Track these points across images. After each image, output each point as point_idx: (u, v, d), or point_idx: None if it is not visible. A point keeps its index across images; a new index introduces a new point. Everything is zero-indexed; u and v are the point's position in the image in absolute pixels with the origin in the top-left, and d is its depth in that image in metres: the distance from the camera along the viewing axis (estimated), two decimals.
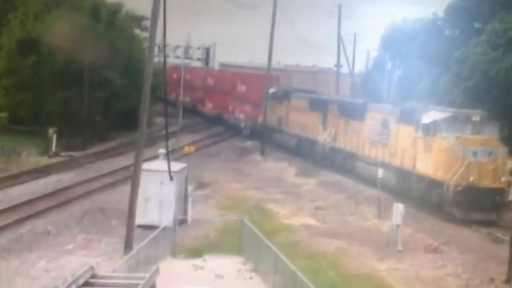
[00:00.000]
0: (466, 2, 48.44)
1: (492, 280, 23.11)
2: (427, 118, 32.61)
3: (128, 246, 23.45)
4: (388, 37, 57.07)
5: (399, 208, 27.54)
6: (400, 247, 26.56)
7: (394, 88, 48.73)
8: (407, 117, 34.60)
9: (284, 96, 53.88)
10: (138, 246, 21.30)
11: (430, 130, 32.29)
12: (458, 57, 44.42)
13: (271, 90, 56.05)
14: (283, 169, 45.39)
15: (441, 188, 31.33)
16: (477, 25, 47.70)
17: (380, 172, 33.10)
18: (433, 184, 31.99)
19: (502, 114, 36.45)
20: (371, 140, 38.69)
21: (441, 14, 51.42)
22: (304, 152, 48.58)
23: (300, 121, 49.90)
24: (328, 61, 71.34)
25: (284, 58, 74.51)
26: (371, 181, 36.23)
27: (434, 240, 27.73)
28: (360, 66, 68.63)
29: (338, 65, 64.11)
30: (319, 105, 47.29)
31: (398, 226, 27.26)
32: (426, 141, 32.54)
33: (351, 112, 42.19)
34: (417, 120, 33.33)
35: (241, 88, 63.44)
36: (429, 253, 26.25)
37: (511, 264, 21.70)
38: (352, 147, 41.39)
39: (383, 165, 35.48)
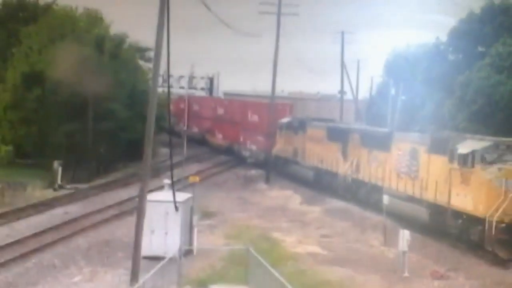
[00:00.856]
0: (469, 26, 48.63)
1: None
2: (464, 147, 29.89)
3: (134, 277, 23.45)
4: (391, 63, 57.25)
5: (405, 235, 27.56)
6: (406, 274, 26.58)
7: (398, 114, 48.92)
8: (440, 147, 31.97)
9: (299, 125, 51.71)
10: (144, 277, 21.36)
11: (468, 161, 29.53)
12: (461, 81, 44.48)
13: (285, 119, 54.68)
14: (288, 197, 45.42)
15: (481, 225, 28.41)
16: (480, 49, 47.81)
17: (386, 199, 33.04)
18: (472, 220, 29.24)
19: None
20: (398, 172, 36.07)
21: (444, 38, 51.64)
22: (324, 185, 46.08)
23: (318, 152, 47.50)
24: (331, 88, 71.48)
25: (287, 85, 74.78)
26: (398, 216, 34.26)
27: (440, 266, 27.78)
28: (364, 92, 68.85)
29: (342, 91, 64.36)
30: (338, 135, 44.97)
31: (404, 252, 27.29)
32: (463, 173, 29.78)
33: (374, 142, 39.72)
34: (451, 150, 30.65)
35: (253, 118, 61.88)
36: (436, 279, 26.23)
37: None
38: (377, 180, 38.76)
39: (413, 200, 33.78)
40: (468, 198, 29.45)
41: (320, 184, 46.60)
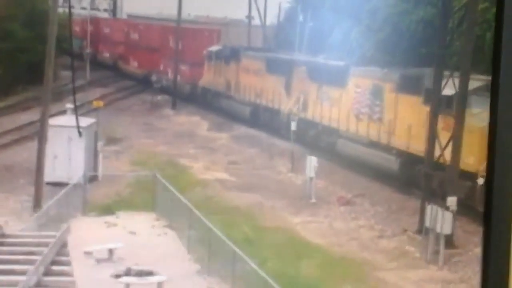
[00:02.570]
0: None
1: (404, 230, 23.86)
2: (447, 88, 24.21)
3: (37, 204, 23.16)
4: None
5: (312, 161, 27.99)
6: (313, 200, 27.10)
7: (306, 40, 49.11)
8: (411, 85, 27.71)
9: (232, 55, 47.06)
10: (47, 204, 21.07)
11: (453, 103, 24.44)
12: (369, 9, 44.84)
13: (214, 47, 50.44)
14: (196, 123, 45.26)
15: (471, 181, 23.52)
16: None
17: (293, 125, 33.32)
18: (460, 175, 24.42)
19: (411, 67, 37.20)
20: (357, 112, 32.08)
21: None
22: (263, 123, 41.91)
23: (255, 86, 43.15)
24: (238, 13, 70.86)
25: (193, 9, 73.47)
26: (359, 163, 31.08)
27: (347, 193, 28.39)
28: (272, 18, 68.59)
29: (249, 16, 63.93)
30: (280, 66, 40.64)
31: (311, 178, 27.80)
32: (447, 118, 24.54)
33: (326, 76, 35.21)
34: (428, 89, 25.54)
35: (176, 44, 56.52)
36: (342, 205, 26.82)
37: (422, 215, 22.40)
38: (330, 120, 34.50)
39: (377, 146, 30.06)
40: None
41: (258, 121, 42.48)
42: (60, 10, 32.14)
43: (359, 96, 32.07)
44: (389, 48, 42.49)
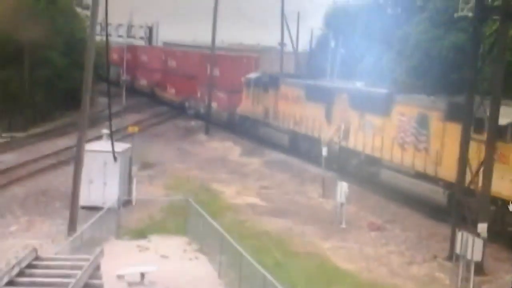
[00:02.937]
0: None
1: (434, 257, 23.59)
2: (503, 117, 22.84)
3: (72, 227, 23.24)
4: (331, 16, 57.21)
5: (343, 187, 27.83)
6: (344, 225, 26.94)
7: (338, 66, 49.07)
8: (460, 113, 24.59)
9: (271, 82, 45.90)
10: (82, 227, 21.13)
11: (507, 134, 23.92)
12: (400, 35, 44.70)
13: (253, 74, 49.21)
14: (228, 148, 45.35)
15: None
16: (419, 3, 47.93)
17: (324, 151, 33.21)
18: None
19: (443, 93, 36.99)
20: (401, 142, 30.70)
21: None
22: (302, 151, 40.57)
23: (295, 114, 41.93)
24: (271, 40, 70.99)
25: (226, 35, 73.79)
26: (405, 195, 30.02)
27: (377, 218, 28.22)
28: (304, 44, 68.72)
29: (282, 43, 64.07)
30: (320, 94, 39.22)
31: (342, 204, 27.61)
32: (500, 149, 23.62)
33: (369, 104, 33.96)
34: (479, 118, 23.86)
35: (213, 71, 55.19)
36: (372, 231, 26.64)
37: (453, 241, 22.12)
38: (373, 150, 33.14)
39: (424, 177, 28.66)
40: (505, 181, 23.86)
41: (298, 150, 40.98)
42: (98, 38, 32.37)
43: (404, 124, 30.57)
44: (420, 73, 42.32)
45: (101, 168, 28.07)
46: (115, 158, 27.80)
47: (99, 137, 31.07)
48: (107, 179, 28.08)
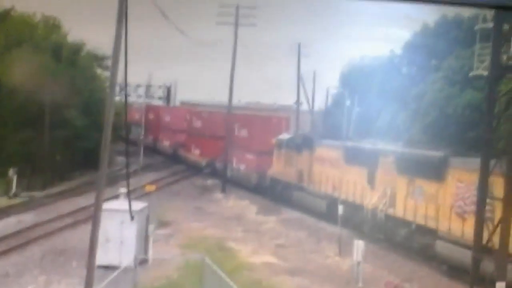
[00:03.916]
0: (423, 40, 49.16)
1: None
2: None
3: (88, 286, 23.06)
4: (347, 74, 57.63)
5: (359, 245, 27.59)
6: (360, 284, 26.64)
7: (353, 125, 49.16)
8: None
9: (304, 143, 43.93)
10: (98, 287, 20.98)
11: None
12: (416, 93, 44.86)
13: (285, 135, 47.83)
14: (245, 207, 45.24)
15: None
16: (434, 62, 48.26)
17: (340, 209, 33.01)
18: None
19: (460, 151, 36.93)
20: (459, 211, 27.54)
21: (398, 51, 52.14)
22: (342, 219, 34.84)
23: (333, 178, 39.25)
24: (287, 99, 71.48)
25: (243, 95, 74.38)
26: (464, 270, 25.99)
27: (395, 277, 27.89)
28: (319, 103, 69.08)
29: (298, 102, 64.45)
30: (361, 157, 36.56)
31: (358, 263, 27.34)
32: None
33: (419, 168, 30.99)
34: None
35: (241, 132, 54.29)
36: None
37: None
38: (426, 219, 29.96)
39: (486, 250, 24.08)
40: None
41: (336, 217, 35.06)
42: (117, 98, 32.67)
43: (462, 192, 27.20)
44: (436, 131, 42.29)
45: (118, 227, 27.97)
46: (132, 217, 27.66)
47: (116, 196, 31.15)
48: (124, 237, 27.96)
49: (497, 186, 24.06)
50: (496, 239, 23.12)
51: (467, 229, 26.25)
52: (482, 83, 33.89)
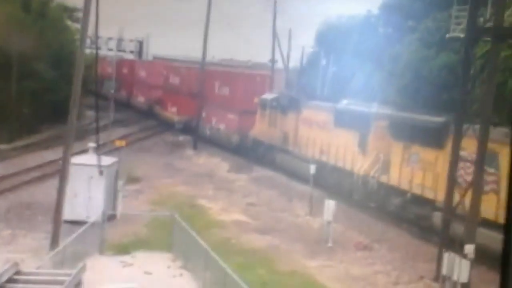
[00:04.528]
0: (399, 0, 49.00)
1: (421, 277, 23.48)
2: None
3: (54, 242, 22.99)
4: (322, 33, 57.27)
5: (330, 205, 27.68)
6: (330, 244, 26.79)
7: (328, 85, 49.10)
8: None
9: (290, 104, 42.24)
10: (64, 242, 20.93)
11: None
12: (391, 54, 44.83)
13: (269, 95, 45.96)
14: (216, 164, 45.34)
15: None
16: (410, 23, 48.17)
17: (313, 168, 33.02)
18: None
19: (433, 113, 37.10)
20: (461, 181, 24.50)
21: (375, 11, 51.94)
22: (330, 185, 35.70)
23: (320, 141, 37.85)
24: (262, 56, 71.17)
25: (217, 51, 73.85)
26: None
27: (364, 238, 28.08)
28: (295, 61, 68.87)
29: (273, 60, 64.19)
30: (353, 120, 34.95)
31: (329, 223, 27.46)
32: None
33: (416, 134, 29.39)
34: None
35: (222, 91, 52.68)
36: (359, 250, 26.51)
37: (440, 262, 22.04)
38: (423, 189, 28.41)
39: (488, 224, 22.98)
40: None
41: (325, 183, 35.64)
42: (88, 51, 32.39)
43: (464, 161, 24.67)
44: (411, 93, 42.40)
45: (87, 182, 27.92)
46: (101, 172, 27.66)
47: (85, 151, 30.94)
48: (92, 193, 27.92)
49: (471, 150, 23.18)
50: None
51: (469, 202, 23.37)
52: (458, 45, 33.85)
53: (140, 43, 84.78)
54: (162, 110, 64.63)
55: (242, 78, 52.92)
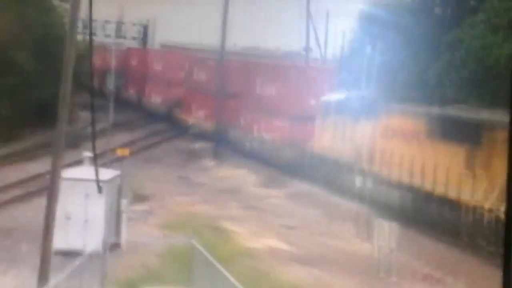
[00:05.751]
0: None
1: None
2: None
3: (43, 279, 22.31)
4: (367, 16, 57.15)
5: (392, 228, 27.23)
6: (394, 279, 26.25)
7: (375, 78, 48.69)
8: None
9: (365, 108, 39.59)
10: (56, 278, 20.30)
11: None
12: (450, 40, 44.52)
13: (333, 95, 43.87)
14: (242, 177, 45.73)
15: None
16: (473, 2, 47.93)
17: (358, 181, 32.57)
18: None
19: (502, 110, 36.13)
20: None
21: None
22: (427, 221, 32.94)
23: (409, 159, 35.08)
24: (294, 44, 71.03)
25: (240, 38, 73.57)
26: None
27: (436, 269, 27.47)
28: (333, 50, 68.77)
29: (307, 48, 63.76)
30: (456, 130, 32.59)
31: (390, 250, 26.95)
32: None
33: None
34: None
35: (266, 89, 50.20)
36: (430, 286, 26.08)
37: None
38: None
39: None
40: None
41: (422, 218, 33.13)
42: (79, 37, 32.16)
43: None
44: (474, 88, 41.97)
45: (82, 201, 27.47)
46: (99, 189, 27.08)
47: (79, 162, 30.55)
48: (89, 215, 27.44)
49: None
50: None
51: None
52: None
53: (145, 28, 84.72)
54: (185, 114, 62.02)
55: (295, 73, 49.37)
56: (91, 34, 27.51)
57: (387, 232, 27.31)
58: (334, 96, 43.18)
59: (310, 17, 64.22)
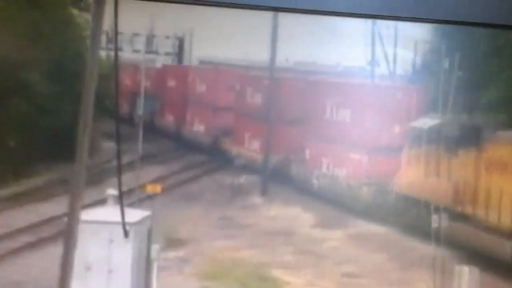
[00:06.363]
0: None
1: None
2: None
3: None
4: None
5: (465, 274, 27.19)
6: None
7: (453, 97, 48.43)
8: None
9: (464, 136, 42.68)
10: None
11: None
12: None
13: (422, 121, 46.15)
14: (295, 216, 45.27)
15: None
16: None
17: (435, 220, 32.49)
18: None
19: None
20: None
21: None
22: None
23: None
24: (356, 58, 71.09)
25: (291, 53, 73.68)
26: None
27: None
28: (403, 64, 68.79)
29: (373, 63, 63.74)
30: None
31: None
32: None
33: None
34: None
35: (338, 114, 53.42)
36: None
37: None
38: None
39: None
40: None
41: None
42: (103, 54, 32.52)
43: None
44: None
45: (105, 247, 27.58)
46: (126, 233, 27.29)
47: (102, 201, 30.93)
48: (114, 264, 27.51)
49: None
50: None
51: None
52: None
53: (180, 41, 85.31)
54: (235, 145, 62.53)
55: (373, 94, 50.10)
56: (116, 49, 27.76)
57: (466, 279, 27.30)
58: (426, 122, 43.02)
59: (376, 25, 64.46)
